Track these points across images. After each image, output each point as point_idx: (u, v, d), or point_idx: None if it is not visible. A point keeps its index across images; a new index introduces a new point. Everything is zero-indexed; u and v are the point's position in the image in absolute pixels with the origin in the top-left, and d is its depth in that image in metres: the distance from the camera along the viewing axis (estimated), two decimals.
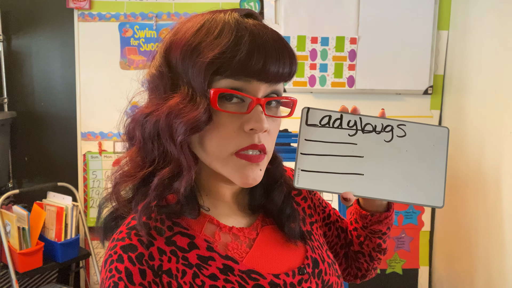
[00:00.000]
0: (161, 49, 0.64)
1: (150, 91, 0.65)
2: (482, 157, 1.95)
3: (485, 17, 1.99)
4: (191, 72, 0.59)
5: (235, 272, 0.62)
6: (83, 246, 2.40)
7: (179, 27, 0.63)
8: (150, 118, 0.61)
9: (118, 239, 0.62)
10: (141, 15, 2.35)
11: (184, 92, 0.60)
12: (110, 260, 0.60)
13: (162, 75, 0.62)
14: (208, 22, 0.60)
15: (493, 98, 1.88)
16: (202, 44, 0.58)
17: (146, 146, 0.63)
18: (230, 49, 0.57)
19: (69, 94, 2.38)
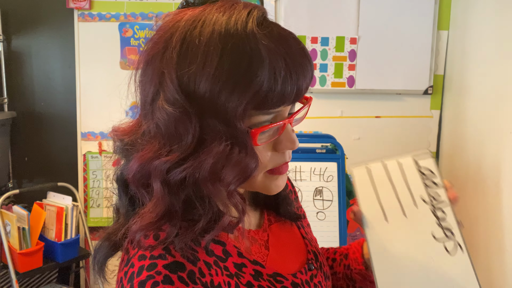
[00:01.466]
0: (169, 75, 0.52)
1: (165, 131, 0.53)
2: (482, 157, 1.95)
3: (485, 17, 1.99)
4: (225, 111, 0.51)
5: (264, 277, 0.61)
6: (83, 246, 2.40)
7: (188, 48, 0.52)
8: (181, 168, 0.53)
9: (154, 256, 0.53)
10: (141, 15, 2.35)
11: (220, 136, 0.52)
12: (153, 282, 0.51)
13: (187, 116, 0.51)
14: (228, 45, 0.51)
15: (493, 98, 1.88)
16: (233, 79, 0.50)
17: (170, 196, 0.54)
18: (265, 83, 0.50)
19: (69, 94, 2.38)
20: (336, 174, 1.82)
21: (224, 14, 0.53)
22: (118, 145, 0.63)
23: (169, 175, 0.53)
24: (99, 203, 2.43)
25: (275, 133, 0.56)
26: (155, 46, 0.55)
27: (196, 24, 0.53)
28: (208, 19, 0.53)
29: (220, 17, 0.53)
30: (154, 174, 0.54)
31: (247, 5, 0.55)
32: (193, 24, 0.53)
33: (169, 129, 0.53)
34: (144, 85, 0.57)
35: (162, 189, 0.54)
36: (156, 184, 0.54)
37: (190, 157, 0.52)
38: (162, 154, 0.53)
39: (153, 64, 0.54)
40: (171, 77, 0.52)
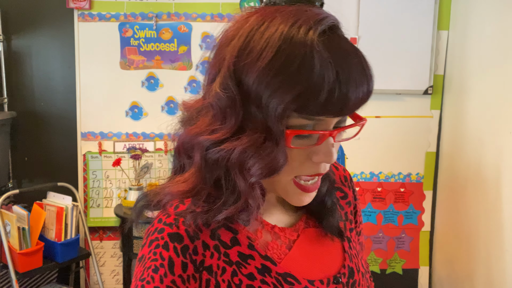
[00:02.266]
0: (228, 62, 0.56)
1: (215, 111, 0.57)
2: (482, 157, 1.95)
3: (485, 17, 1.99)
4: (267, 106, 0.53)
5: (272, 274, 0.62)
6: (83, 246, 2.40)
7: (250, 41, 0.55)
8: (218, 148, 0.57)
9: (166, 223, 0.61)
10: (141, 15, 2.35)
11: (257, 127, 0.55)
12: (156, 243, 0.60)
13: (234, 102, 0.55)
14: (285, 45, 0.53)
15: (493, 98, 1.88)
16: (281, 77, 0.52)
17: (205, 172, 0.59)
18: (311, 89, 0.51)
19: (69, 94, 2.38)
20: None
21: (292, 17, 0.55)
22: (181, 117, 0.67)
23: (207, 152, 0.58)
24: (99, 203, 2.43)
25: (312, 142, 0.57)
26: (226, 34, 0.59)
27: (264, 21, 0.55)
28: (277, 19, 0.55)
29: (287, 20, 0.54)
30: (196, 148, 0.59)
31: (319, 13, 0.56)
32: (262, 20, 0.56)
33: (216, 110, 0.57)
34: (209, 67, 0.61)
35: (200, 163, 0.59)
36: (197, 157, 0.59)
37: (228, 140, 0.56)
38: (206, 132, 0.57)
39: (219, 50, 0.59)
40: (228, 64, 0.55)
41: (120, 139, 2.42)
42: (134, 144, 2.42)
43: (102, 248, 2.47)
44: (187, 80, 2.40)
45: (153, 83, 2.40)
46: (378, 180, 2.43)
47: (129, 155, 2.40)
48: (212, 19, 2.36)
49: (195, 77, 2.40)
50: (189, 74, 2.39)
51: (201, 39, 2.37)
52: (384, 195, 2.43)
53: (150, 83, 2.39)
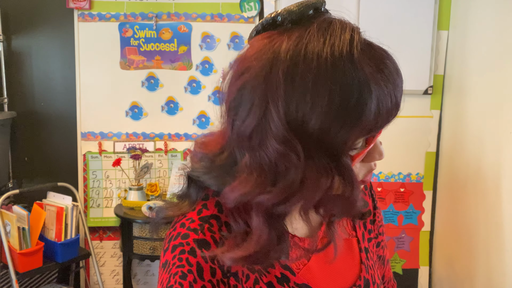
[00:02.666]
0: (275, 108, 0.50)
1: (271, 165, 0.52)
2: (482, 157, 1.95)
3: (485, 17, 1.99)
4: (331, 146, 0.51)
5: (290, 284, 0.61)
6: (83, 246, 2.40)
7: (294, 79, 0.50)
8: (286, 205, 0.53)
9: (190, 228, 0.59)
10: (141, 15, 2.35)
11: (325, 171, 0.52)
12: (181, 249, 0.58)
13: (296, 153, 0.51)
14: (337, 79, 0.50)
15: (493, 98, 1.88)
16: (343, 114, 0.50)
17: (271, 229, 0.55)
18: (373, 115, 0.51)
19: (69, 94, 2.38)
20: None
21: (325, 41, 0.51)
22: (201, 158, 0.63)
23: (273, 210, 0.54)
24: (99, 203, 2.43)
25: (364, 148, 0.56)
26: (251, 75, 0.52)
27: (298, 56, 0.50)
28: (309, 49, 0.50)
29: (321, 46, 0.51)
30: (257, 208, 0.54)
31: (343, 26, 0.54)
32: (294, 54, 0.51)
33: (274, 166, 0.52)
34: (238, 114, 0.53)
35: (264, 222, 0.55)
36: (258, 218, 0.55)
37: (295, 192, 0.52)
38: (265, 190, 0.52)
39: (251, 95, 0.52)
40: (278, 113, 0.50)
41: (120, 139, 2.42)
42: (134, 144, 2.42)
43: (102, 248, 2.47)
44: (187, 80, 2.40)
45: (153, 83, 2.40)
46: (378, 180, 2.43)
47: (129, 155, 2.40)
48: (212, 19, 2.36)
49: (195, 77, 2.40)
50: (189, 74, 2.40)
51: (201, 39, 2.37)
52: (384, 195, 2.43)
53: (150, 83, 2.40)
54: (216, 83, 2.40)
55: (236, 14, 2.35)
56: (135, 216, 2.18)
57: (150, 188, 2.39)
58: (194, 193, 0.64)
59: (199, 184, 0.64)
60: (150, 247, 2.15)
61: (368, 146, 0.55)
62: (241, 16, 2.35)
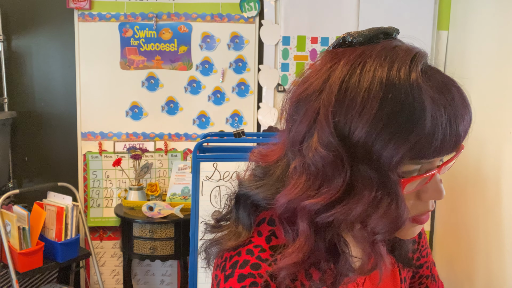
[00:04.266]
0: (325, 117, 0.51)
1: (316, 171, 0.53)
2: (482, 157, 1.95)
3: (485, 17, 1.99)
4: (378, 160, 0.50)
5: None
6: (83, 246, 2.40)
7: (347, 92, 0.50)
8: (331, 213, 0.53)
9: (261, 258, 0.56)
10: (141, 15, 2.35)
11: (369, 183, 0.51)
12: (252, 281, 0.54)
13: (340, 160, 0.51)
14: (390, 93, 0.49)
15: (493, 98, 1.88)
16: (391, 128, 0.49)
17: (316, 237, 0.55)
18: (425, 136, 0.49)
19: (69, 94, 2.39)
20: None
21: (386, 59, 0.51)
22: (257, 168, 0.63)
23: (317, 217, 0.54)
24: (99, 203, 2.43)
25: (422, 182, 0.54)
26: (309, 86, 0.54)
27: (355, 68, 0.51)
28: (368, 64, 0.51)
29: (381, 63, 0.51)
30: (301, 213, 0.54)
31: (409, 51, 0.53)
32: (352, 67, 0.51)
33: (319, 171, 0.52)
34: (295, 122, 0.55)
35: (308, 229, 0.54)
36: (303, 223, 0.54)
37: (338, 201, 0.52)
38: (310, 195, 0.53)
39: (307, 104, 0.53)
40: (327, 119, 0.51)
41: (120, 139, 2.42)
42: (134, 144, 2.42)
43: (102, 248, 2.47)
44: (187, 80, 2.40)
45: (153, 83, 2.40)
46: None
47: (129, 155, 2.40)
48: (212, 19, 2.36)
49: (195, 77, 2.40)
50: (189, 74, 2.40)
51: (201, 39, 2.37)
52: None
53: (150, 83, 2.40)
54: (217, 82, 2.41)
55: (236, 14, 2.35)
56: (135, 216, 2.18)
57: (150, 188, 2.39)
58: (245, 216, 0.61)
59: (247, 203, 0.62)
60: (150, 247, 2.15)
61: (422, 175, 0.53)
62: (241, 16, 2.35)
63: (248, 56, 2.38)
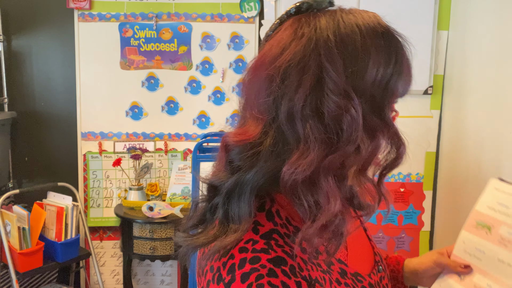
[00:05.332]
0: (336, 72, 0.54)
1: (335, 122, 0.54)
2: (482, 157, 1.95)
3: (485, 17, 1.99)
4: (382, 99, 0.57)
5: (348, 275, 0.62)
6: (83, 246, 2.40)
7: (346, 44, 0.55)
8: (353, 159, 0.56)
9: (257, 250, 0.55)
10: (141, 15, 2.35)
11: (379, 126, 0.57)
12: (257, 275, 0.53)
13: (356, 108, 0.54)
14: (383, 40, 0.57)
15: (493, 98, 1.88)
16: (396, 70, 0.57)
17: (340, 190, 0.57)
18: (410, 72, 0.59)
19: (69, 94, 2.39)
20: None
21: (355, 16, 0.58)
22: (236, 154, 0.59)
23: (342, 171, 0.56)
24: (99, 203, 2.43)
25: None
26: (294, 52, 0.55)
27: (339, 24, 0.56)
28: (346, 20, 0.57)
29: (354, 18, 0.57)
30: (327, 171, 0.54)
31: (364, 10, 0.61)
32: (335, 24, 0.56)
33: (336, 123, 0.54)
34: (286, 88, 0.55)
35: (334, 186, 0.55)
36: (328, 182, 0.54)
37: (356, 150, 0.55)
38: (331, 148, 0.54)
39: (300, 69, 0.54)
40: (337, 70, 0.54)
41: (120, 139, 2.42)
42: (134, 144, 2.42)
43: (102, 248, 2.47)
44: (187, 80, 2.40)
45: (153, 83, 2.40)
46: None
47: (129, 155, 2.40)
48: (212, 19, 2.36)
49: (195, 77, 2.40)
50: (189, 74, 2.40)
51: (201, 39, 2.37)
52: None
53: (150, 83, 2.40)
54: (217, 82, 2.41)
55: (236, 14, 2.35)
56: (135, 216, 2.18)
57: (150, 188, 2.39)
58: (244, 207, 0.58)
59: (245, 192, 0.59)
60: (150, 247, 2.15)
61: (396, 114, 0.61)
62: (241, 16, 2.35)
63: (248, 56, 2.38)
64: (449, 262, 0.76)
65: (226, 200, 0.59)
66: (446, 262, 0.76)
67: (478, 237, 0.76)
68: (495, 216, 0.76)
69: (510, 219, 0.73)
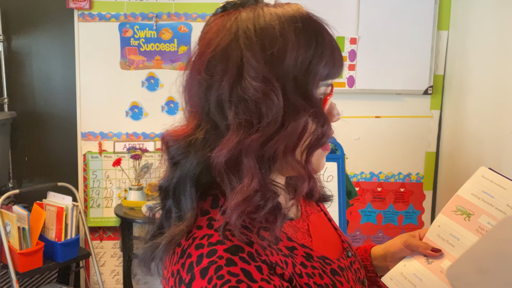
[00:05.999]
0: (255, 59, 0.56)
1: (257, 106, 0.56)
2: (482, 157, 1.95)
3: (485, 17, 1.99)
4: (306, 82, 0.58)
5: (314, 258, 0.63)
6: (83, 246, 2.40)
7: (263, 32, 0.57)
8: (275, 140, 0.56)
9: (212, 243, 0.55)
10: (141, 15, 2.35)
11: (302, 107, 0.57)
12: (216, 266, 0.53)
13: (276, 91, 0.56)
14: (300, 24, 0.58)
15: (493, 98, 1.88)
16: (311, 52, 0.58)
17: (264, 171, 0.57)
18: (334, 54, 0.59)
19: (69, 94, 2.39)
20: (336, 174, 1.82)
21: (276, 6, 0.61)
22: (175, 149, 0.62)
23: (263, 150, 0.56)
24: (99, 203, 2.43)
25: (329, 103, 0.63)
26: (218, 43, 0.58)
27: (259, 14, 0.59)
28: (264, 12, 0.59)
29: (273, 9, 0.60)
30: (247, 151, 0.56)
31: (286, 3, 0.62)
32: (255, 15, 0.59)
33: (257, 107, 0.56)
34: (213, 80, 0.58)
35: (255, 164, 0.56)
36: (249, 161, 0.56)
37: (278, 130, 0.56)
38: (252, 130, 0.56)
39: (223, 58, 0.57)
40: (255, 56, 0.56)
41: (120, 139, 2.42)
42: (134, 144, 2.42)
43: (102, 248, 2.47)
44: None
45: (153, 83, 2.40)
46: (378, 180, 2.43)
47: (129, 155, 2.40)
48: None
49: None
50: None
51: None
52: (384, 195, 2.43)
53: (150, 83, 2.40)
54: None
55: None
56: (135, 216, 2.18)
57: (150, 188, 2.39)
58: (188, 202, 0.60)
59: (187, 186, 0.61)
60: None
61: (330, 95, 0.61)
62: None
63: None
64: (419, 243, 0.75)
65: (175, 200, 0.62)
66: (416, 243, 0.75)
67: (455, 222, 0.73)
68: (477, 203, 0.73)
69: (493, 209, 0.71)
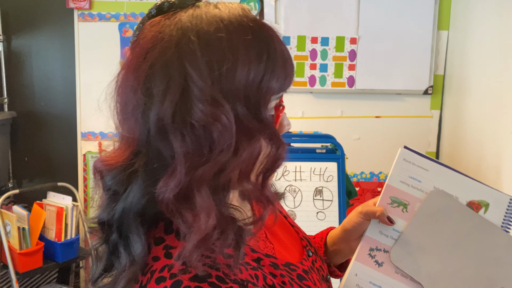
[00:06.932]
0: (201, 78, 0.49)
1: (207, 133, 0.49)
2: (482, 157, 1.95)
3: (485, 17, 1.99)
4: (257, 101, 0.52)
5: (280, 267, 0.61)
6: (83, 246, 2.40)
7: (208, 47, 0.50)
8: (229, 170, 0.50)
9: (174, 274, 0.50)
10: (141, 15, 2.34)
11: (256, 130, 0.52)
12: None
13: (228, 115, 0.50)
14: (250, 36, 0.52)
15: (493, 98, 1.88)
16: (269, 66, 0.52)
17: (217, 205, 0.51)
18: (290, 65, 0.55)
19: (69, 94, 2.39)
20: (336, 174, 1.82)
21: (219, 8, 0.53)
22: (110, 180, 0.54)
23: (217, 180, 0.50)
24: None
25: (282, 117, 0.58)
26: (154, 60, 0.51)
27: (201, 21, 0.51)
28: (210, 15, 0.52)
29: (219, 11, 0.52)
30: (199, 184, 0.50)
31: (229, 2, 0.56)
32: (198, 21, 0.51)
33: (206, 133, 0.49)
34: (153, 98, 0.50)
35: (209, 197, 0.50)
36: (201, 195, 0.50)
37: (232, 157, 0.51)
38: (203, 160, 0.50)
39: (164, 70, 0.50)
40: (201, 75, 0.49)
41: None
42: None
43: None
44: None
45: None
46: (378, 180, 2.43)
47: None
48: None
49: None
50: None
51: None
52: None
53: None
54: None
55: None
56: None
57: None
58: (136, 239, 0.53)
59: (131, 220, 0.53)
60: None
61: (282, 109, 0.56)
62: None
63: None
64: (377, 208, 0.71)
65: (122, 237, 0.54)
66: (373, 209, 0.72)
67: (395, 216, 0.70)
68: (409, 191, 0.70)
69: (424, 195, 0.69)
